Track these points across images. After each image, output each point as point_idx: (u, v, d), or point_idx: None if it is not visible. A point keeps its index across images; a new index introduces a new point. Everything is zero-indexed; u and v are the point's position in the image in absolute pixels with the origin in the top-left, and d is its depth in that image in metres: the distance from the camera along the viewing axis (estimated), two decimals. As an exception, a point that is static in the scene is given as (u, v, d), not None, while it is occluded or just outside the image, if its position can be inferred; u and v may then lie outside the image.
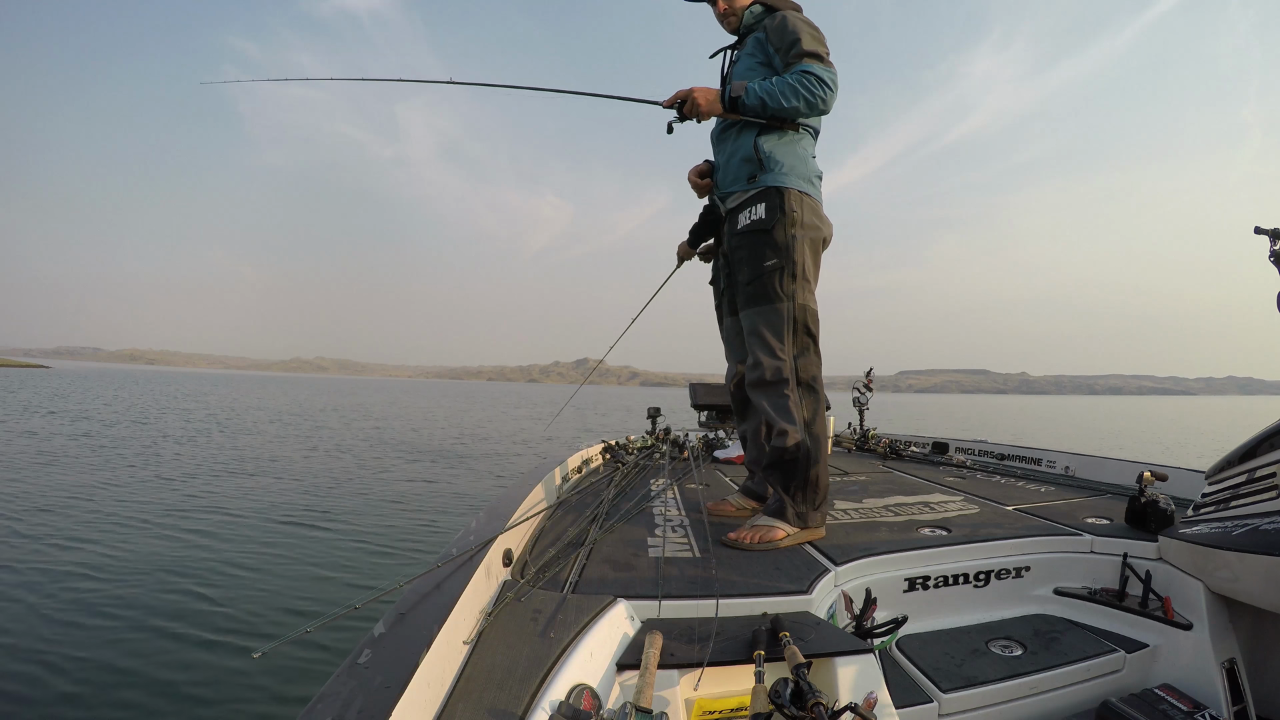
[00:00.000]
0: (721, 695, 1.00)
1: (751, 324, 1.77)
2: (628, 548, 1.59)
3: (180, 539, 5.29)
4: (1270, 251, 1.50)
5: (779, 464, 1.69)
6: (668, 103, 1.73)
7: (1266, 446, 1.37)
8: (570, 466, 2.77)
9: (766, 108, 1.65)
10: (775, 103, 1.63)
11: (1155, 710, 1.24)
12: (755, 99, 1.64)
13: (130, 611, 3.69)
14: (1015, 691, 1.30)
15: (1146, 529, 1.75)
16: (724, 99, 1.70)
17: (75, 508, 6.26)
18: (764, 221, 1.71)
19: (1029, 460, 3.27)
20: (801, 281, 1.71)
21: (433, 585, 1.04)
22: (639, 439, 3.65)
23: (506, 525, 1.37)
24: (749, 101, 1.65)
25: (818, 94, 1.63)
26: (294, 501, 7.05)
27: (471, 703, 0.83)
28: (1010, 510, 2.08)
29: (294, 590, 4.21)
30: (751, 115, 1.69)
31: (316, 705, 0.71)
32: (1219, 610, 1.43)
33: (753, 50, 1.80)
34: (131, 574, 4.35)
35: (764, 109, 1.66)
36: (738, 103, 1.67)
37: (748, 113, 1.69)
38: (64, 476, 8.00)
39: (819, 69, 1.63)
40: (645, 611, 1.19)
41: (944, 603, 1.57)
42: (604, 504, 2.00)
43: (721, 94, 1.70)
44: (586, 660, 0.97)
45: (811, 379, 1.72)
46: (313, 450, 12.12)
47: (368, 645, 0.84)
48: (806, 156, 1.77)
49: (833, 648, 1.05)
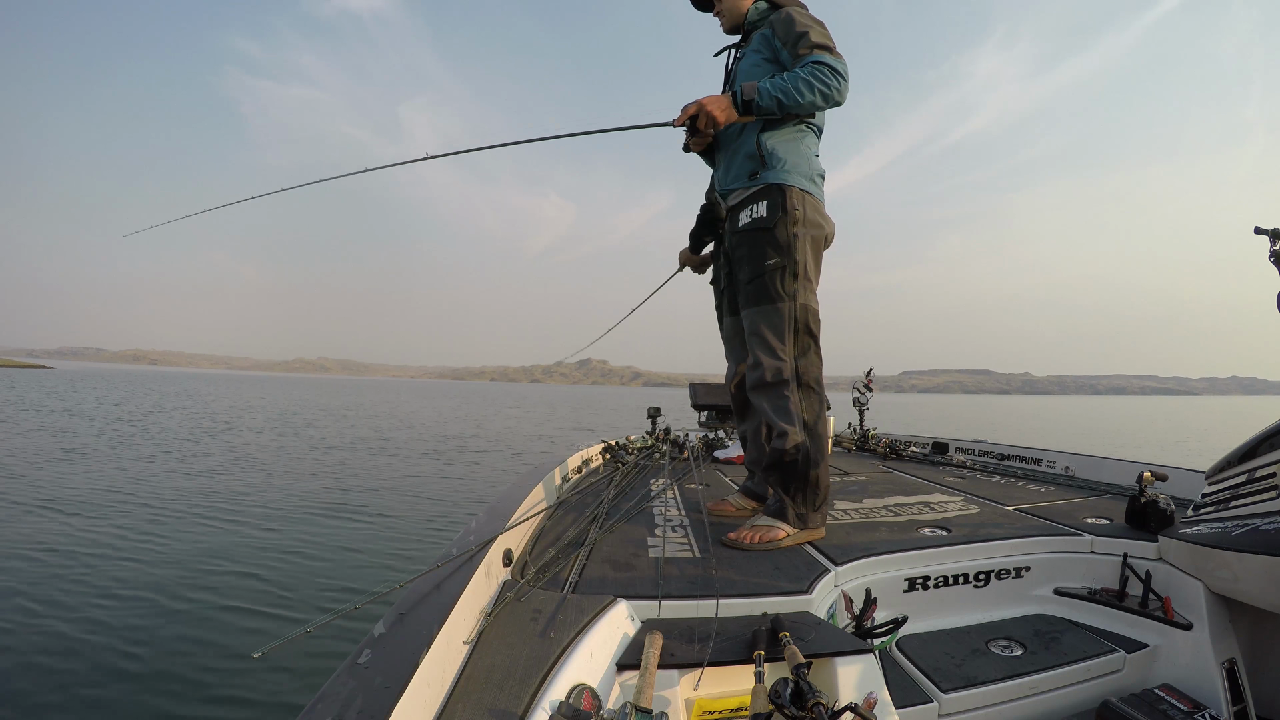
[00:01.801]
0: (721, 695, 1.00)
1: (752, 323, 1.76)
2: (628, 548, 1.59)
3: (179, 539, 5.29)
4: (1270, 251, 1.50)
5: (779, 465, 1.69)
6: (679, 121, 1.63)
7: (1266, 446, 1.37)
8: (570, 466, 2.77)
9: (783, 105, 1.60)
10: (791, 99, 1.59)
11: (1155, 710, 1.24)
12: (770, 99, 1.59)
13: (129, 612, 3.70)
14: (1015, 691, 1.30)
15: (1146, 529, 1.75)
16: (737, 103, 1.61)
17: (59, 508, 6.27)
18: (765, 220, 1.70)
19: (1029, 460, 3.27)
20: (803, 281, 1.70)
21: (433, 585, 1.03)
22: (639, 439, 3.65)
23: (506, 525, 1.37)
24: (763, 102, 1.59)
25: (832, 85, 1.60)
26: (295, 501, 7.05)
27: (471, 703, 0.84)
28: (1010, 510, 2.08)
29: (294, 590, 4.21)
30: (767, 115, 1.65)
31: (316, 705, 0.71)
32: (1219, 610, 1.43)
33: (758, 46, 1.78)
34: (131, 574, 4.35)
35: (780, 107, 1.60)
36: (751, 105, 1.60)
37: (763, 114, 1.63)
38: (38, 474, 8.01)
39: (830, 59, 1.61)
40: (645, 611, 1.19)
41: (944, 603, 1.57)
42: (604, 504, 2.00)
43: (733, 98, 1.62)
44: (586, 660, 0.97)
45: (812, 380, 1.71)
46: (312, 450, 12.13)
47: (368, 645, 0.84)
48: (809, 155, 1.76)
49: (833, 648, 1.05)
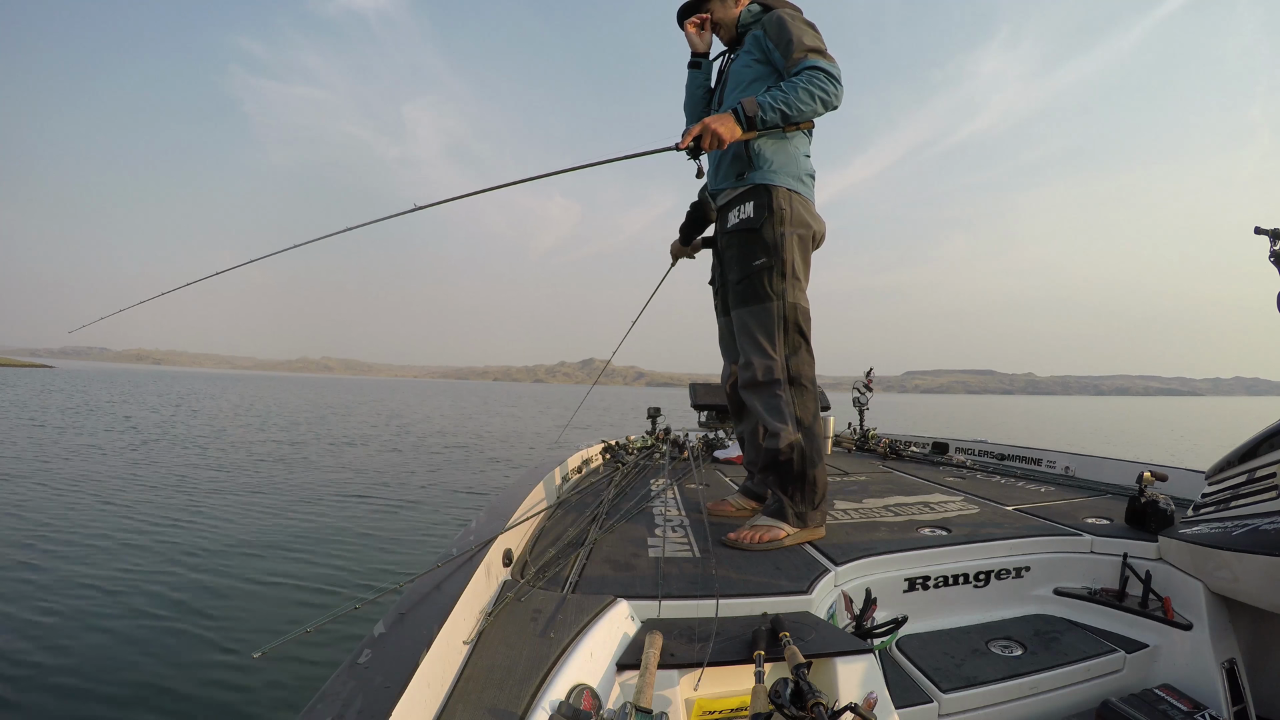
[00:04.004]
0: (721, 695, 1.00)
1: (742, 323, 1.76)
2: (628, 548, 1.59)
3: (178, 539, 5.30)
4: (1270, 252, 1.50)
5: (774, 465, 1.69)
6: (683, 144, 1.59)
7: (1266, 447, 1.37)
8: (570, 466, 2.77)
9: (787, 117, 1.59)
10: (794, 109, 1.58)
11: (1155, 710, 1.24)
12: (774, 112, 1.58)
13: (128, 612, 3.70)
14: (1015, 691, 1.30)
15: (1146, 529, 1.75)
16: (740, 120, 1.58)
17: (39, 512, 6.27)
18: (752, 220, 1.71)
19: (1029, 460, 3.26)
20: (791, 280, 1.70)
21: (433, 585, 1.04)
22: (639, 439, 3.65)
23: (506, 525, 1.38)
24: (768, 116, 1.58)
25: (830, 90, 1.61)
26: (294, 501, 7.06)
27: (471, 703, 0.84)
28: (1010, 510, 2.08)
29: (294, 590, 4.21)
30: (772, 128, 1.63)
31: (316, 705, 0.71)
32: (1219, 610, 1.43)
33: (750, 48, 1.79)
34: (129, 575, 4.36)
35: (784, 119, 1.59)
36: (755, 121, 1.58)
37: (768, 128, 1.61)
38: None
39: (825, 64, 1.61)
40: (645, 611, 1.19)
41: (944, 603, 1.57)
42: (604, 504, 2.00)
43: (736, 116, 1.59)
44: (586, 660, 0.97)
45: (804, 378, 1.71)
46: (321, 447, 12.14)
47: (368, 645, 0.84)
48: (798, 154, 1.75)
49: (833, 648, 1.05)
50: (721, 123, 1.57)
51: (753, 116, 1.58)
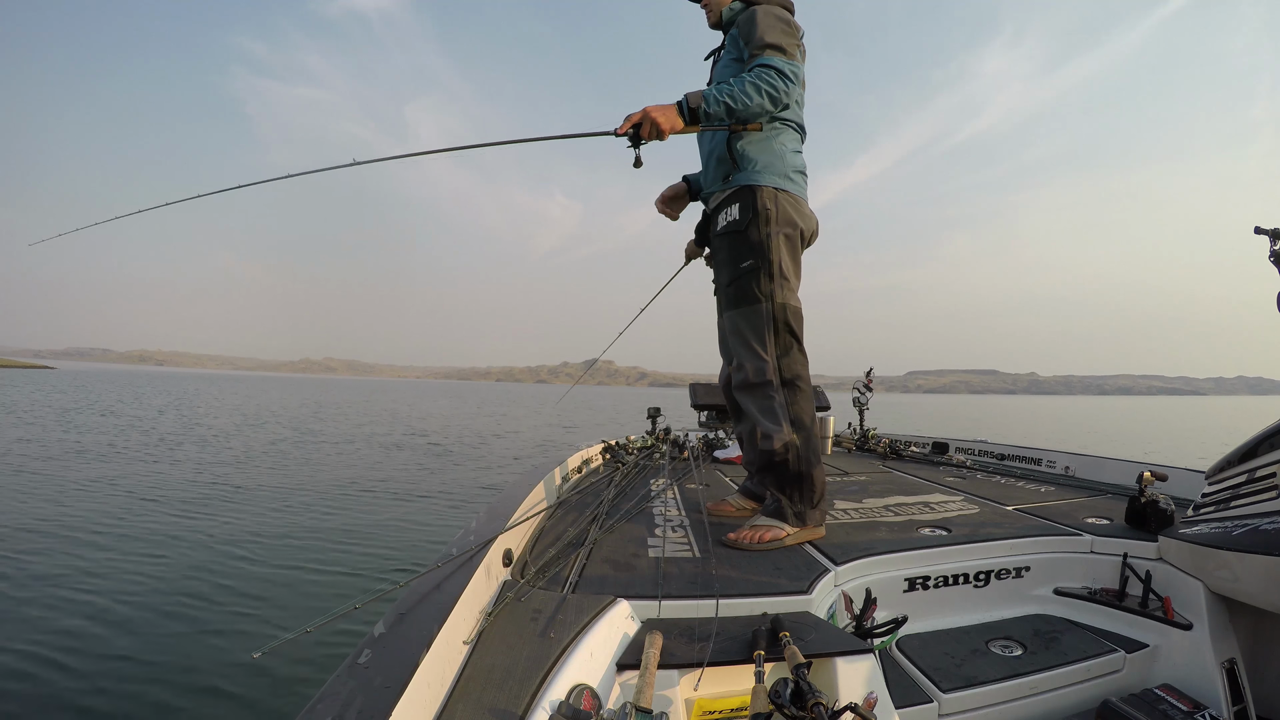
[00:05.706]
0: (721, 695, 1.00)
1: (734, 326, 1.76)
2: (628, 548, 1.59)
3: (177, 539, 5.30)
4: (1270, 251, 1.50)
5: (770, 466, 1.69)
6: (622, 130, 1.55)
7: (1266, 446, 1.37)
8: (570, 466, 2.77)
9: (733, 111, 1.57)
10: (740, 104, 1.56)
11: (1155, 710, 1.24)
12: (718, 105, 1.55)
13: (128, 611, 3.70)
14: (1015, 691, 1.30)
15: (1146, 529, 1.75)
16: (683, 112, 1.56)
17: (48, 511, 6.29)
18: (738, 222, 1.70)
19: (1029, 460, 3.26)
20: (780, 280, 1.69)
21: (433, 585, 1.04)
22: (639, 439, 3.65)
23: (506, 525, 1.38)
24: (711, 109, 1.56)
25: (779, 87, 1.58)
26: (296, 501, 7.06)
27: (471, 703, 0.84)
28: (1010, 510, 2.08)
29: (294, 590, 4.21)
30: (719, 123, 1.60)
31: (316, 705, 0.71)
32: (1219, 610, 1.43)
33: (729, 46, 1.78)
34: (128, 575, 4.36)
35: (730, 113, 1.57)
36: (698, 113, 1.56)
37: (713, 121, 1.58)
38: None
39: (779, 61, 1.59)
40: (645, 611, 1.19)
41: (944, 603, 1.57)
42: (604, 504, 2.00)
43: (679, 107, 1.57)
44: (586, 660, 0.97)
45: (796, 378, 1.71)
46: (320, 448, 12.15)
47: (368, 645, 0.84)
48: (784, 152, 1.73)
49: (833, 648, 1.05)
50: (663, 113, 1.55)
51: (695, 108, 1.56)
